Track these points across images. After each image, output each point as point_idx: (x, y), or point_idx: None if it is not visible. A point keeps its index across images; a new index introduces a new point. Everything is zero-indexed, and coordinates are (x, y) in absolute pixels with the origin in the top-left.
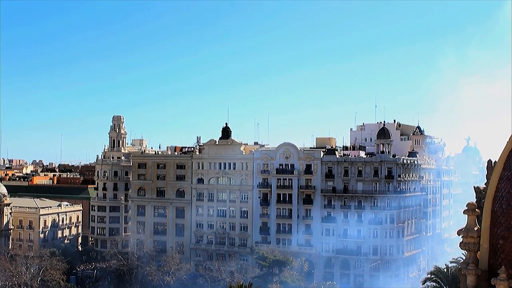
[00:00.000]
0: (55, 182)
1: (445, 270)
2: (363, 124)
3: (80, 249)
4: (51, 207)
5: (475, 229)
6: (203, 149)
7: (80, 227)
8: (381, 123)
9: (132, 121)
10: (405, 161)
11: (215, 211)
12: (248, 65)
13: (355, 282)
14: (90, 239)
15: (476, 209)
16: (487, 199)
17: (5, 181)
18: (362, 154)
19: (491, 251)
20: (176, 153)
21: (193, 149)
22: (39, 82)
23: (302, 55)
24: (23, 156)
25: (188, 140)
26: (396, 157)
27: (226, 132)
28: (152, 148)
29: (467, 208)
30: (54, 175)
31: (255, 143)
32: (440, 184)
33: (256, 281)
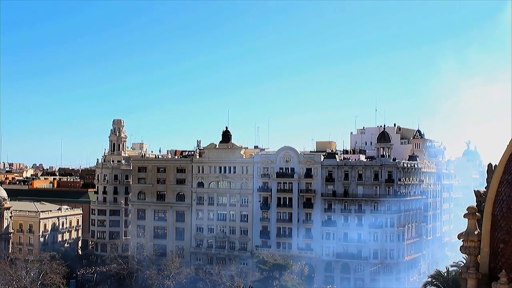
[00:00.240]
0: (55, 185)
1: (446, 274)
2: (363, 127)
3: (80, 253)
4: (51, 210)
5: (476, 233)
6: (203, 153)
7: (80, 231)
8: (381, 126)
9: (132, 124)
10: (405, 164)
11: (215, 215)
12: (248, 69)
13: (356, 286)
14: (90, 242)
15: (477, 213)
16: (487, 202)
17: (5, 184)
18: (362, 158)
19: (492, 255)
20: (176, 157)
21: (193, 153)
22: (39, 86)
23: (302, 59)
24: (23, 159)
25: (188, 144)
26: (397, 161)
27: (226, 136)
28: (152, 151)
29: (467, 211)
30: (54, 179)
31: (255, 147)
32: (440, 188)
33: (256, 285)
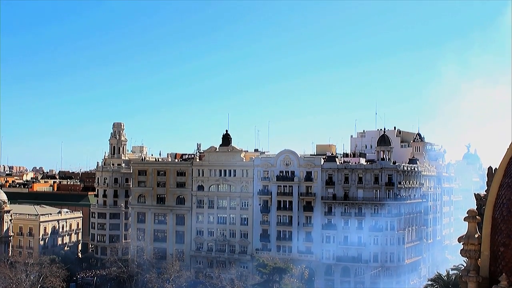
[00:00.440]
0: (55, 189)
1: (446, 277)
2: (364, 131)
3: (80, 256)
4: (51, 214)
5: (476, 236)
6: (203, 156)
7: (80, 234)
8: (381, 130)
9: (132, 128)
10: (405, 168)
11: (215, 218)
12: (249, 72)
13: None
14: (90, 246)
15: (477, 216)
16: (487, 206)
17: (5, 188)
18: (363, 161)
19: (492, 258)
20: (177, 160)
21: (193, 156)
22: (39, 89)
23: (302, 62)
24: (23, 163)
25: (189, 147)
26: (397, 164)
27: (226, 139)
28: (152, 155)
29: (467, 215)
30: (54, 182)
31: (256, 150)
32: (440, 191)
33: None
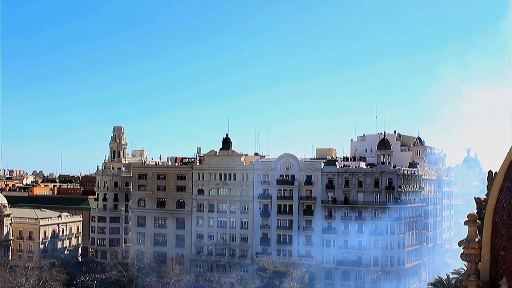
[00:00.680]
0: (56, 192)
1: (447, 281)
2: (364, 135)
3: (80, 260)
4: (51, 217)
5: (476, 240)
6: (203, 160)
7: (80, 238)
8: (381, 134)
9: (132, 131)
10: (405, 172)
11: (215, 222)
12: (249, 76)
13: None
14: (90, 250)
15: (477, 220)
16: (487, 210)
17: (5, 191)
18: (363, 165)
19: (492, 262)
20: (177, 164)
21: (193, 160)
22: (39, 93)
23: (302, 65)
24: (23, 166)
25: (189, 151)
26: (397, 168)
27: (226, 142)
28: (152, 159)
29: (468, 219)
30: (54, 186)
31: (256, 154)
32: (440, 195)
33: None
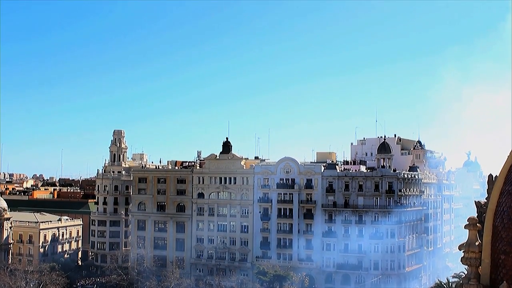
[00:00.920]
0: (56, 196)
1: (447, 285)
2: (364, 138)
3: (80, 263)
4: (51, 221)
5: (477, 244)
6: (203, 164)
7: (80, 242)
8: (381, 137)
9: (132, 135)
10: (405, 175)
11: (215, 226)
12: (249, 80)
13: None
14: (90, 253)
15: (477, 224)
16: (488, 213)
17: (5, 195)
18: (363, 168)
19: (493, 266)
20: (177, 167)
21: (193, 163)
22: (40, 97)
23: (302, 69)
24: (23, 170)
25: (189, 154)
26: (397, 171)
27: (226, 146)
28: (152, 162)
29: (468, 222)
30: (54, 189)
31: (256, 158)
32: (441, 199)
33: None
